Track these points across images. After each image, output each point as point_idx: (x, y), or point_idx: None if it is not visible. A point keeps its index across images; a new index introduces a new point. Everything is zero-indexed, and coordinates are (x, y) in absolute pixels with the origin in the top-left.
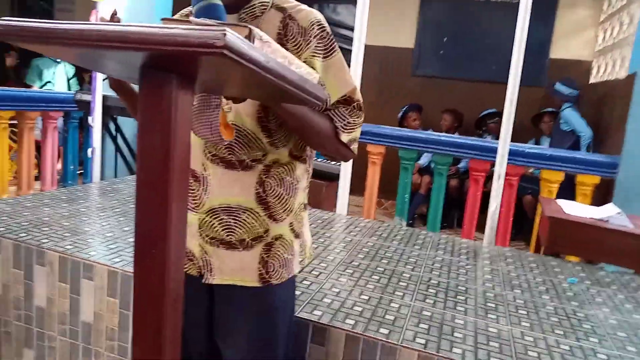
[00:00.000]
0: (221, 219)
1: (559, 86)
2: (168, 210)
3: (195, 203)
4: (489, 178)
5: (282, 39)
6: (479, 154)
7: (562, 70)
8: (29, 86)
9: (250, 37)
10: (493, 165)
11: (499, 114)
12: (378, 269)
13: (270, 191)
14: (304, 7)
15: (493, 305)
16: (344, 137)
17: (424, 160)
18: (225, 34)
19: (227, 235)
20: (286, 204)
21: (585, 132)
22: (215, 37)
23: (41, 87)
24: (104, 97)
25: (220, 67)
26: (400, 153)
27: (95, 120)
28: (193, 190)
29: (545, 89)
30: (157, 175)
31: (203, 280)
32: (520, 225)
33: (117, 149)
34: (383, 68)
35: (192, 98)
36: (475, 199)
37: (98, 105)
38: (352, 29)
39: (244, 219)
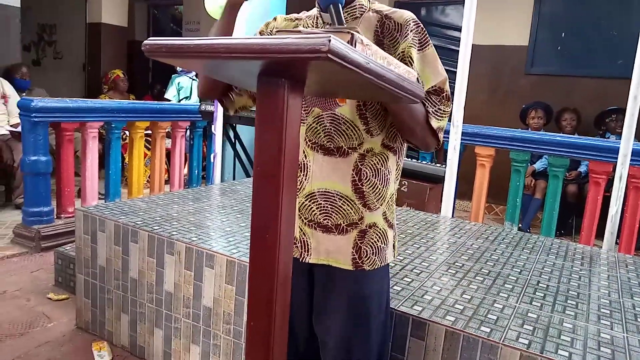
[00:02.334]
0: (319, 204)
1: None
2: (279, 198)
3: (297, 189)
4: (612, 182)
5: (378, 36)
6: (599, 154)
7: None
8: (168, 100)
9: (352, 41)
10: (615, 167)
11: (619, 111)
12: (482, 270)
13: (366, 180)
14: (397, 9)
15: (607, 312)
16: (434, 123)
17: (539, 164)
18: (330, 40)
19: (324, 219)
20: (380, 193)
21: None
22: (321, 44)
23: (179, 101)
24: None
25: (326, 71)
26: (511, 155)
27: (217, 128)
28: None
29: None
30: (272, 167)
31: (300, 260)
32: None
33: (236, 154)
34: (495, 67)
35: (301, 100)
36: (596, 203)
37: (219, 115)
38: (461, 29)
39: (340, 205)
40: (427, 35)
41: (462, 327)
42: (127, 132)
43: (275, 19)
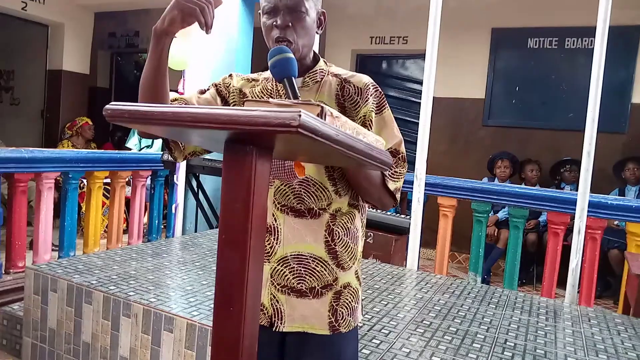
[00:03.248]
0: (292, 267)
1: None
2: (246, 268)
3: (267, 253)
4: (570, 231)
5: (339, 100)
6: (557, 206)
7: None
8: (129, 149)
9: (322, 114)
10: (573, 217)
11: (572, 162)
12: (450, 328)
13: (338, 240)
14: (355, 73)
15: None
16: (391, 185)
17: (502, 214)
18: (300, 115)
19: (298, 283)
20: (352, 252)
21: None
22: (291, 118)
23: (140, 149)
24: None
25: (295, 141)
26: (473, 205)
27: (179, 178)
28: (265, 241)
29: (627, 134)
30: (238, 236)
31: (274, 329)
32: (606, 282)
33: (199, 204)
34: (454, 119)
35: (269, 166)
36: (555, 253)
37: (182, 165)
38: (421, 82)
39: (313, 267)
40: (384, 98)
41: None
42: (84, 181)
43: (230, 75)
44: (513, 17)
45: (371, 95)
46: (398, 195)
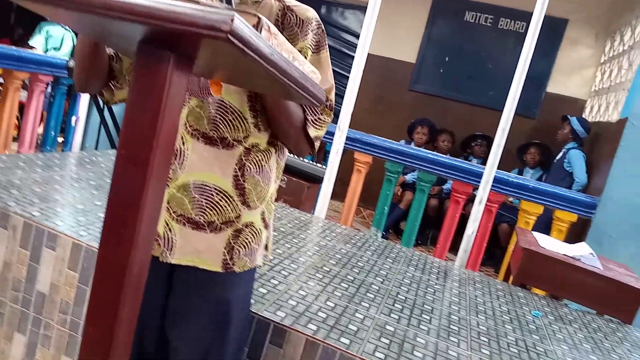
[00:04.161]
0: (193, 197)
1: (574, 122)
2: (145, 192)
3: (167, 177)
4: (469, 201)
5: (278, 27)
6: (464, 176)
7: (557, 105)
8: (32, 48)
9: (258, 26)
10: (475, 189)
11: (484, 138)
12: (348, 277)
13: (249, 176)
14: (299, 3)
15: (456, 329)
16: (312, 132)
17: (410, 176)
18: (233, 19)
19: (197, 215)
20: (261, 192)
21: (581, 179)
22: (222, 21)
23: (45, 52)
24: None
25: (221, 53)
26: (386, 165)
27: None
28: None
29: (537, 120)
30: (140, 153)
31: (161, 259)
32: (492, 252)
33: (102, 120)
34: (382, 78)
35: (187, 80)
36: (453, 220)
37: None
38: (357, 35)
39: (217, 201)
40: (326, 38)
41: (322, 338)
42: None
43: None
44: None
45: (312, 31)
46: (317, 144)
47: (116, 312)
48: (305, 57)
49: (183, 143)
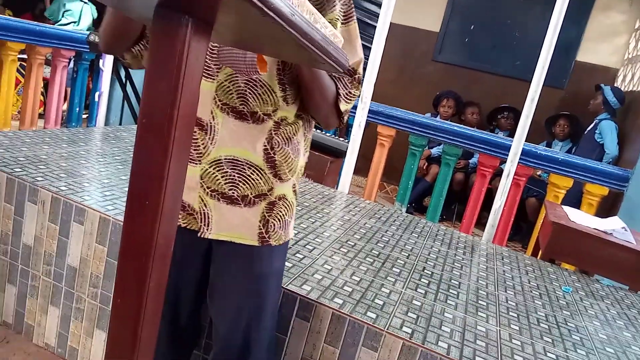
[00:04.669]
0: (225, 172)
1: (607, 92)
2: (167, 162)
3: (199, 153)
4: (495, 175)
5: None
6: (490, 149)
7: (587, 74)
8: (48, 20)
9: None
10: (502, 162)
11: (511, 110)
12: (373, 251)
13: (279, 149)
14: None
15: (484, 304)
16: (342, 106)
17: (435, 150)
18: None
19: (230, 189)
20: (292, 164)
21: (611, 151)
22: None
23: (55, 23)
24: None
25: (241, 14)
26: (410, 138)
27: (106, 64)
28: (196, 139)
29: (565, 91)
30: (161, 122)
31: (199, 235)
32: (519, 227)
33: (125, 95)
34: (405, 48)
35: (206, 46)
36: (480, 194)
37: None
38: (379, 4)
39: (249, 175)
40: (353, 9)
41: (349, 312)
42: None
43: None
44: None
45: (340, 1)
46: (346, 118)
47: (143, 284)
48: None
49: (213, 118)
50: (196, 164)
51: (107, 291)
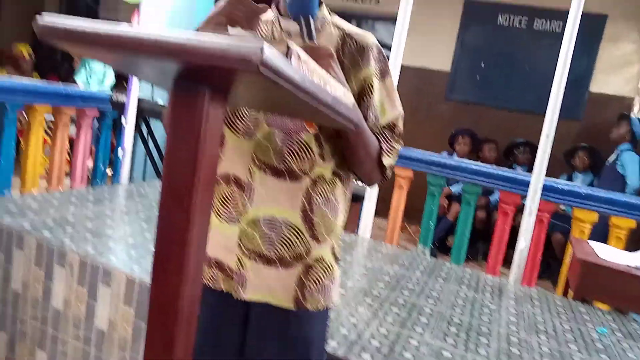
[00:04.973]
0: (263, 232)
1: (636, 123)
2: (189, 227)
3: (237, 212)
4: (518, 212)
5: (340, 56)
6: (510, 186)
7: (603, 105)
8: (74, 81)
9: (288, 54)
10: (524, 198)
11: (527, 144)
12: (398, 300)
13: (316, 208)
14: (360, 29)
15: (517, 352)
16: (386, 161)
17: (455, 188)
18: (263, 50)
19: (267, 250)
20: (329, 224)
21: (633, 183)
22: (253, 53)
23: (87, 85)
24: (139, 99)
25: (256, 83)
26: (428, 178)
27: (128, 121)
28: (234, 198)
29: (581, 122)
30: (182, 188)
31: (234, 296)
32: (547, 264)
33: (147, 151)
34: (417, 89)
35: (223, 112)
36: (503, 233)
37: (132, 107)
38: (389, 47)
39: (286, 235)
40: (388, 64)
41: None
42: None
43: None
44: None
45: (374, 57)
46: (389, 173)
47: (172, 344)
48: (371, 85)
49: (251, 176)
50: (235, 223)
51: (136, 354)
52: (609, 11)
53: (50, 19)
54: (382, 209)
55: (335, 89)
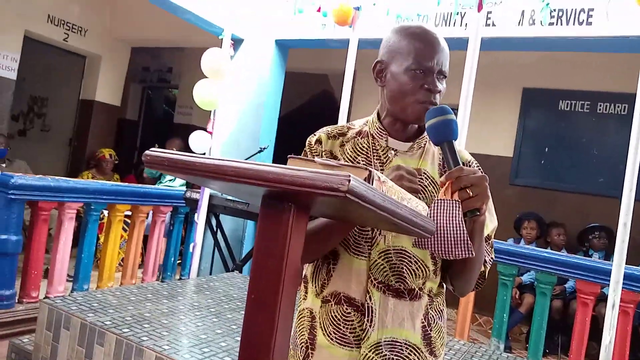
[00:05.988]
0: (384, 355)
1: None
2: (273, 333)
3: (356, 336)
4: (599, 301)
5: (441, 169)
6: (587, 274)
7: None
8: (145, 177)
9: (369, 178)
10: (603, 287)
11: (602, 228)
12: None
13: (434, 324)
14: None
15: None
16: (485, 272)
17: (526, 277)
18: (349, 180)
19: None
20: (443, 338)
21: None
22: (340, 183)
23: (155, 180)
24: (210, 196)
25: (338, 204)
26: (498, 268)
27: (200, 218)
28: (352, 321)
29: None
30: (268, 296)
31: None
32: (636, 357)
33: (216, 243)
34: None
35: (305, 225)
36: (584, 325)
37: (204, 204)
38: None
39: (406, 356)
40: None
41: None
42: (105, 212)
43: (318, 141)
44: (545, 78)
45: (475, 163)
46: (483, 282)
47: None
48: None
49: (370, 298)
50: (354, 348)
51: None
52: None
53: (157, 153)
54: (450, 299)
55: (411, 201)
